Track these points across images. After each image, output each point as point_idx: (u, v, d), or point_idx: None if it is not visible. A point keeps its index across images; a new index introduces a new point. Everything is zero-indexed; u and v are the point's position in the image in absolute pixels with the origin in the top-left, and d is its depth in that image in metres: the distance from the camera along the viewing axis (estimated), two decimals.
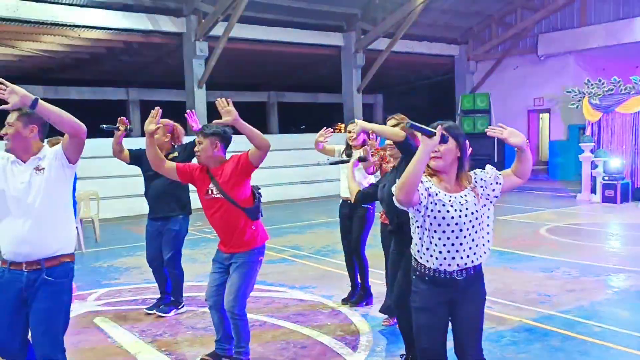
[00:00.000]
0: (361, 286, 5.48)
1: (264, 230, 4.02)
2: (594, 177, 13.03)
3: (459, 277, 2.79)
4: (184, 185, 4.69)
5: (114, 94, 17.71)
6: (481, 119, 16.35)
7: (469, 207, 2.76)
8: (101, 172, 11.84)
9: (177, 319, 5.20)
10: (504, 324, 4.89)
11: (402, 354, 3.98)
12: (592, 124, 13.41)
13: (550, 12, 17.96)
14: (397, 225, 3.79)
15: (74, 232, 3.16)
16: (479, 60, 20.35)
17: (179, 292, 5.32)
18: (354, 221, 5.31)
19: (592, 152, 13.09)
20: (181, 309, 5.34)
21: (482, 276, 2.91)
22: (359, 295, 5.48)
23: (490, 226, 2.87)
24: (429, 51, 19.58)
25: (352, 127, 5.33)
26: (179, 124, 5.33)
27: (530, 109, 19.29)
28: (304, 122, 22.62)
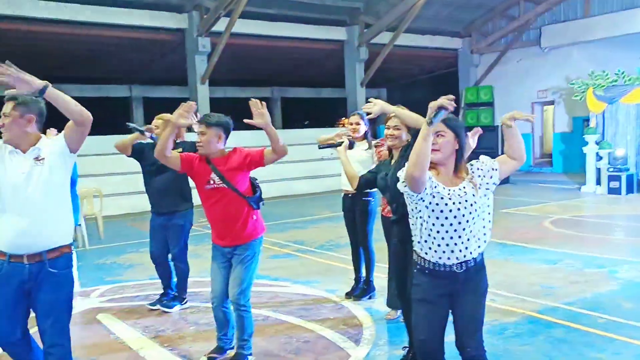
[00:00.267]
0: (365, 280, 5.47)
1: (262, 220, 4.02)
2: (599, 169, 12.97)
3: (459, 270, 2.78)
4: (186, 179, 4.69)
5: (117, 91, 17.72)
6: (485, 112, 16.29)
7: (467, 199, 2.74)
8: (105, 170, 11.88)
9: (181, 315, 5.21)
10: (508, 316, 4.88)
11: (405, 347, 3.97)
12: (596, 116, 13.34)
13: (553, 4, 17.83)
14: (401, 215, 3.77)
15: (72, 222, 3.15)
16: (482, 53, 20.23)
17: (183, 287, 5.32)
18: (357, 215, 5.30)
19: (596, 143, 13.03)
20: (184, 304, 5.35)
21: (483, 268, 2.90)
22: (362, 289, 5.47)
23: (490, 215, 2.85)
24: (432, 44, 19.49)
25: (354, 118, 5.32)
26: None
27: (534, 102, 19.17)
28: (308, 117, 22.60)
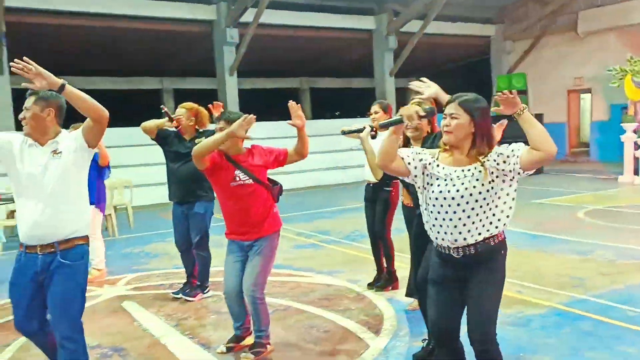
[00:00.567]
0: (386, 270, 5.41)
1: (278, 213, 4.02)
2: (637, 158, 12.55)
3: (456, 255, 2.73)
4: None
5: (148, 83, 17.94)
6: None
7: (470, 181, 2.66)
8: (135, 161, 12.05)
9: (202, 304, 5.23)
10: (534, 308, 4.75)
11: (425, 339, 3.90)
12: (635, 103, 12.90)
13: None
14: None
15: (88, 215, 3.18)
16: (515, 40, 19.80)
17: (205, 275, 5.35)
18: (377, 204, 5.23)
19: (634, 132, 12.61)
20: (207, 293, 5.37)
21: (493, 259, 2.77)
22: (385, 279, 5.41)
23: (505, 204, 2.72)
24: (463, 32, 19.16)
25: (374, 107, 5.23)
26: (202, 108, 5.32)
27: (570, 89, 18.71)
28: (337, 108, 22.45)
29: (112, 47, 15.54)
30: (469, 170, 2.68)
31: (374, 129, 4.24)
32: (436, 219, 2.74)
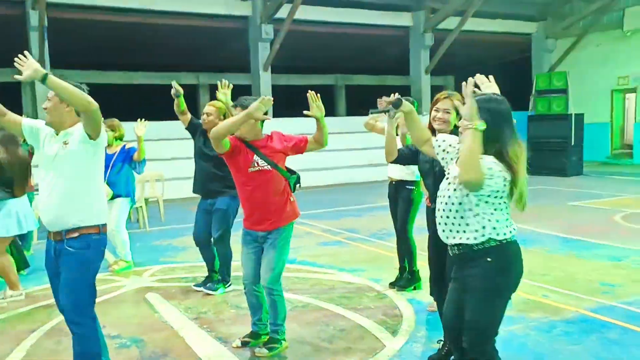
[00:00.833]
0: (408, 270, 5.33)
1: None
2: None
3: (451, 253, 2.74)
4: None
5: (185, 78, 18.12)
6: (557, 100, 15.48)
7: (450, 178, 2.73)
8: (168, 154, 12.22)
9: (223, 298, 5.26)
10: (559, 314, 4.60)
11: (440, 340, 3.82)
12: None
13: None
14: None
15: (98, 206, 3.20)
16: (558, 37, 19.27)
17: (226, 270, 5.37)
18: (399, 202, 5.16)
19: None
20: (228, 287, 5.40)
21: (478, 264, 2.66)
22: (407, 279, 5.33)
23: (485, 205, 2.62)
24: (503, 29, 18.73)
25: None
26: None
27: (614, 89, 18.12)
28: (372, 105, 22.17)
29: (149, 43, 15.76)
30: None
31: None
32: (436, 210, 2.79)
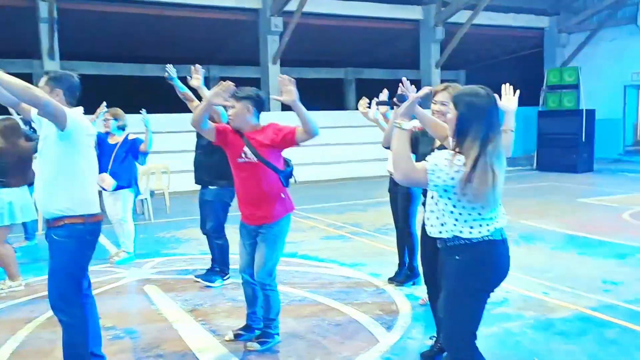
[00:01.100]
0: (408, 265, 5.28)
1: (291, 199, 3.92)
2: None
3: (438, 246, 2.69)
4: (223, 156, 4.68)
5: None
6: (568, 95, 15.30)
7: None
8: (175, 147, 12.24)
9: (220, 290, 5.25)
10: (558, 311, 4.53)
11: (433, 336, 3.78)
12: None
13: None
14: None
15: (82, 196, 3.19)
16: (571, 32, 19.03)
17: (223, 262, 5.37)
18: (397, 198, 5.11)
19: None
20: (226, 279, 5.39)
21: (448, 260, 2.62)
22: (406, 274, 5.29)
23: (449, 200, 2.55)
24: (515, 23, 18.54)
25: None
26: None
27: (627, 85, 17.87)
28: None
29: (160, 35, 15.78)
30: None
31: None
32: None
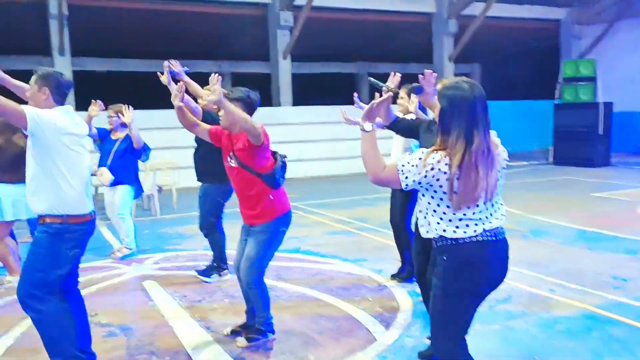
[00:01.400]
0: (409, 261, 5.17)
1: (285, 200, 3.82)
2: None
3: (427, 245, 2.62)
4: (215, 154, 4.63)
5: (206, 66, 18.12)
6: (584, 88, 14.99)
7: None
8: (183, 142, 12.21)
9: (219, 286, 5.19)
10: (563, 308, 4.40)
11: (429, 336, 3.67)
12: None
13: None
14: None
15: (62, 196, 3.14)
16: (587, 23, 18.64)
17: (219, 258, 5.32)
18: (397, 193, 5.00)
19: None
20: (223, 275, 5.33)
21: (437, 260, 2.50)
22: (408, 271, 5.18)
23: (433, 200, 2.45)
24: (530, 15, 18.20)
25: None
26: None
27: None
28: (395, 94, 21.93)
29: (170, 31, 15.76)
30: None
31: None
32: None
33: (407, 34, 17.87)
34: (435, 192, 2.39)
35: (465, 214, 2.38)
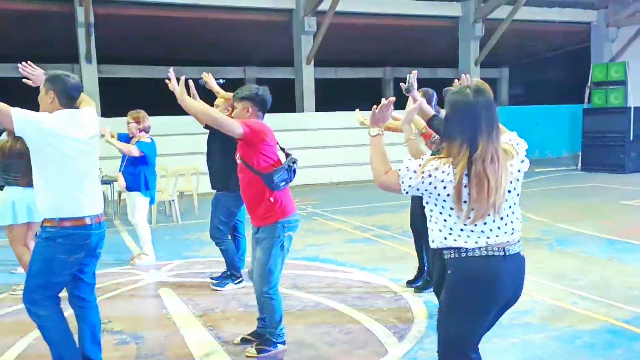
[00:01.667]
0: (428, 271, 5.05)
1: (288, 203, 3.73)
2: None
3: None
4: (228, 160, 4.60)
5: (232, 72, 18.25)
6: (615, 92, 14.60)
7: None
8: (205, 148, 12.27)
9: (234, 295, 5.14)
10: (586, 322, 4.22)
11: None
12: None
13: None
14: None
15: (55, 199, 3.11)
16: (620, 26, 18.19)
17: (231, 266, 5.27)
18: (414, 196, 4.88)
19: None
20: (237, 283, 5.28)
21: (446, 274, 2.38)
22: (426, 280, 5.06)
23: (429, 210, 2.38)
24: (561, 18, 17.85)
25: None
26: None
27: None
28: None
29: (197, 37, 15.90)
30: None
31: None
32: None
33: (432, 38, 17.71)
34: (436, 199, 2.30)
35: (466, 224, 2.27)
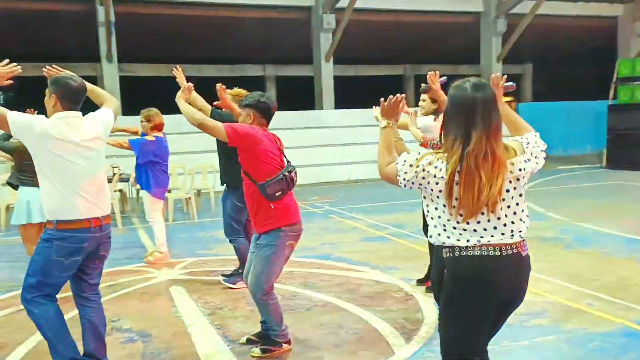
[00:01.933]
0: None
1: (289, 211, 3.67)
2: None
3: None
4: (234, 158, 4.59)
5: (252, 70, 18.31)
6: None
7: None
8: None
9: (244, 293, 5.10)
10: (601, 325, 4.11)
11: None
12: None
13: None
14: None
15: (49, 201, 3.13)
16: None
17: (244, 264, 5.24)
18: None
19: None
20: None
21: (446, 275, 2.29)
22: None
23: (427, 205, 2.31)
24: (585, 12, 17.51)
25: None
26: None
27: None
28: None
29: (215, 36, 15.99)
30: None
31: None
32: None
33: (453, 34, 17.51)
34: (430, 195, 2.25)
35: (458, 222, 2.21)
